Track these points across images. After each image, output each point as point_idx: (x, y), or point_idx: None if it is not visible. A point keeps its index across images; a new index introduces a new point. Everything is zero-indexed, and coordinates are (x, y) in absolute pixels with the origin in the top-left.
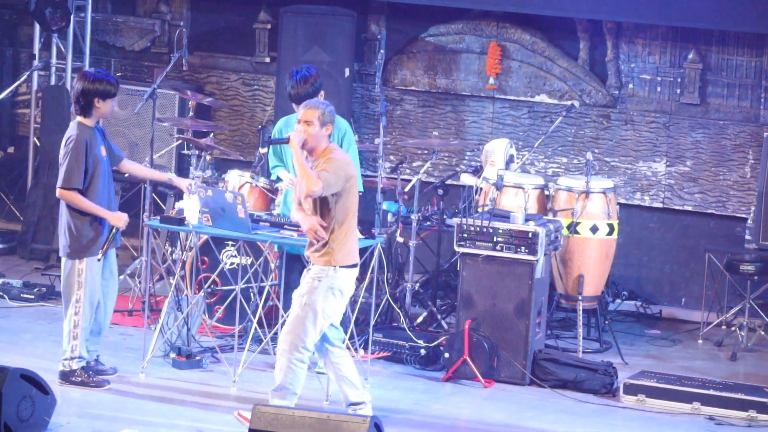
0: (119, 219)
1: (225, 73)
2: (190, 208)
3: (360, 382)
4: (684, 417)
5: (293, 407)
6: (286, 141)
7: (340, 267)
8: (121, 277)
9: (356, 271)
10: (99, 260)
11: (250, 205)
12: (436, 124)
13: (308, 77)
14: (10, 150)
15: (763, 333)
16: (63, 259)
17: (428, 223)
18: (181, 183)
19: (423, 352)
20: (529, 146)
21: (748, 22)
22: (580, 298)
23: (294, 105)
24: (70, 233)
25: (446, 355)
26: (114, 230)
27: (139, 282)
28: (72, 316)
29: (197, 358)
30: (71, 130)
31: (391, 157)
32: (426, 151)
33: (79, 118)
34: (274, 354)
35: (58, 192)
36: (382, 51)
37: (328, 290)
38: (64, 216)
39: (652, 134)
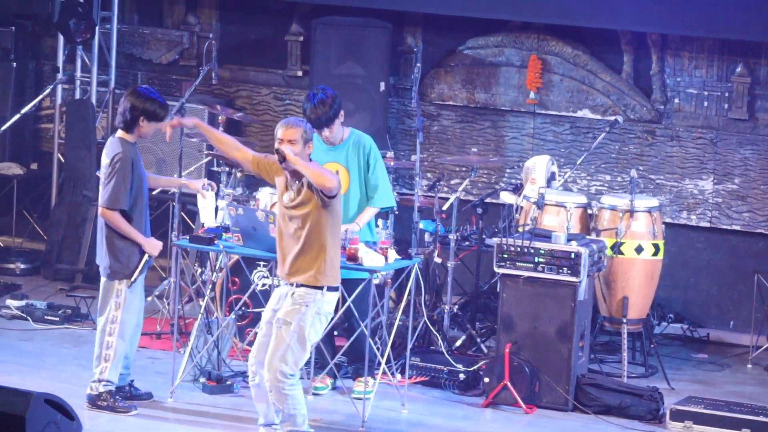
0: (154, 247)
1: (256, 87)
2: (205, 206)
3: None
4: None
5: None
6: (283, 159)
7: (327, 290)
8: (149, 298)
9: (338, 293)
10: (129, 286)
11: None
12: (474, 140)
13: (325, 100)
14: (33, 166)
15: None
16: (103, 279)
17: (467, 242)
18: (196, 184)
19: (462, 376)
20: (571, 163)
21: None
22: (624, 320)
23: (315, 130)
24: (110, 254)
25: (486, 379)
26: (147, 257)
27: (168, 304)
28: (106, 336)
29: (228, 382)
30: (116, 147)
31: (429, 175)
32: (464, 169)
33: (121, 134)
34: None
35: (101, 211)
36: (418, 64)
37: (316, 315)
38: (104, 236)
39: (698, 151)
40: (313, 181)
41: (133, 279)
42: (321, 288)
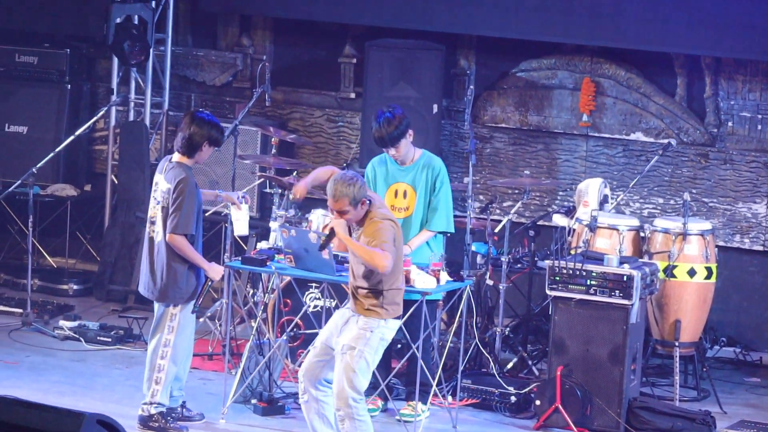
0: (217, 272)
1: (309, 109)
2: (239, 218)
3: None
4: None
5: None
6: (333, 236)
7: (390, 319)
8: (201, 319)
9: (401, 321)
10: (192, 312)
11: (335, 246)
12: (527, 162)
13: (392, 119)
14: (87, 188)
15: None
16: (157, 304)
17: (519, 265)
18: (231, 196)
19: (513, 399)
20: (624, 186)
21: None
22: (676, 344)
23: (384, 149)
24: (170, 279)
25: (537, 402)
26: (209, 282)
27: (220, 325)
28: (158, 360)
29: (280, 403)
30: (179, 172)
31: (481, 197)
32: (517, 191)
33: (179, 158)
34: None
35: (169, 237)
36: (471, 87)
37: (380, 341)
38: (161, 260)
39: (752, 174)
40: (365, 262)
41: (197, 304)
42: (384, 318)
